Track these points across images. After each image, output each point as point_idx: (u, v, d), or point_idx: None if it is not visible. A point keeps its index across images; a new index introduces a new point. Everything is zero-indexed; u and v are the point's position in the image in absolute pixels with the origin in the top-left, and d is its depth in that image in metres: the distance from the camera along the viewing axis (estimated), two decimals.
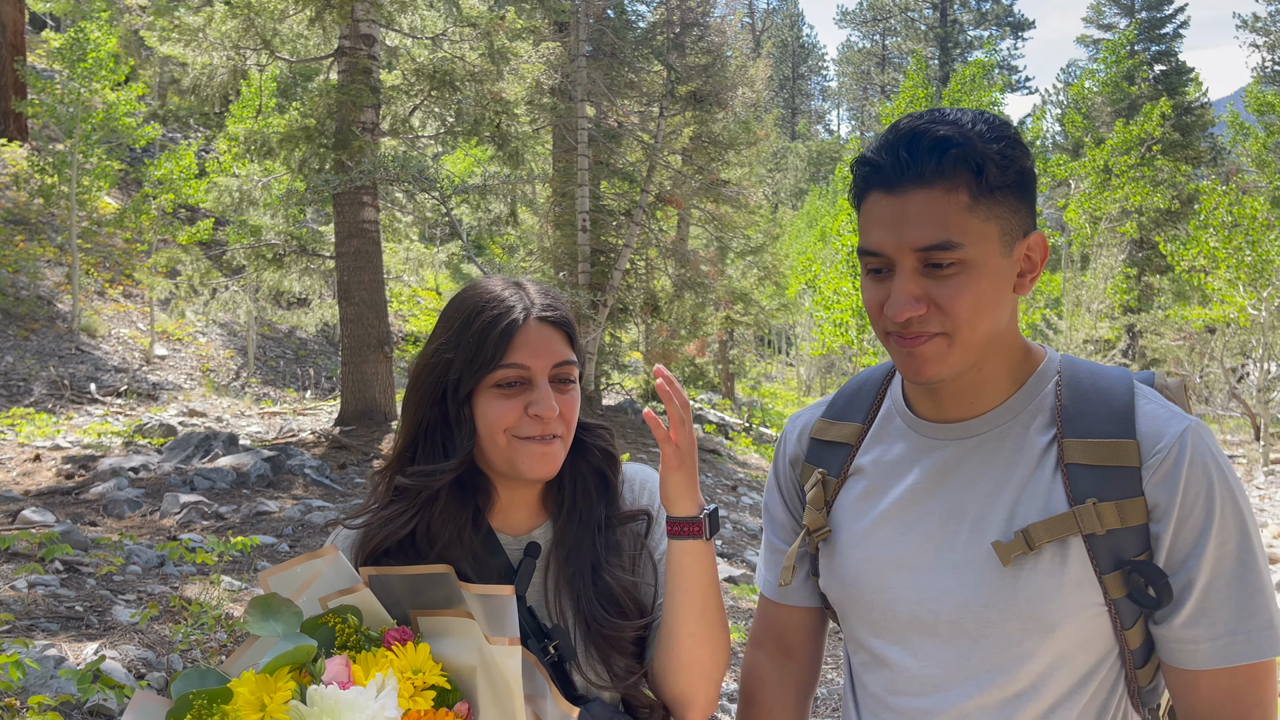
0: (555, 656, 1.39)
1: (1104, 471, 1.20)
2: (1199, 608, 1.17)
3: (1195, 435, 1.19)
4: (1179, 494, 1.17)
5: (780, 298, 25.42)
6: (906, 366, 1.25)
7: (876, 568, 1.34)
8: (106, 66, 16.38)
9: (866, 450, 1.41)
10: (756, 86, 18.45)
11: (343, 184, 10.30)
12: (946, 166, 1.18)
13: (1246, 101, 29.94)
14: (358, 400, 10.88)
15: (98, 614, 4.65)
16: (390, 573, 1.33)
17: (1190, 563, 1.17)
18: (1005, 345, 1.28)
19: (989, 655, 1.24)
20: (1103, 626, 1.22)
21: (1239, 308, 15.99)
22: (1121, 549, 1.19)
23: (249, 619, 1.22)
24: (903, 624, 1.31)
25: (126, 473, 7.91)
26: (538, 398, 1.39)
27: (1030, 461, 1.25)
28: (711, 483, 11.27)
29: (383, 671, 1.17)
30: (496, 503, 1.49)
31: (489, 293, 1.43)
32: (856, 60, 66.51)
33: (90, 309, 16.75)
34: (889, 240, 1.20)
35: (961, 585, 1.26)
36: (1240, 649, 1.16)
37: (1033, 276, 1.26)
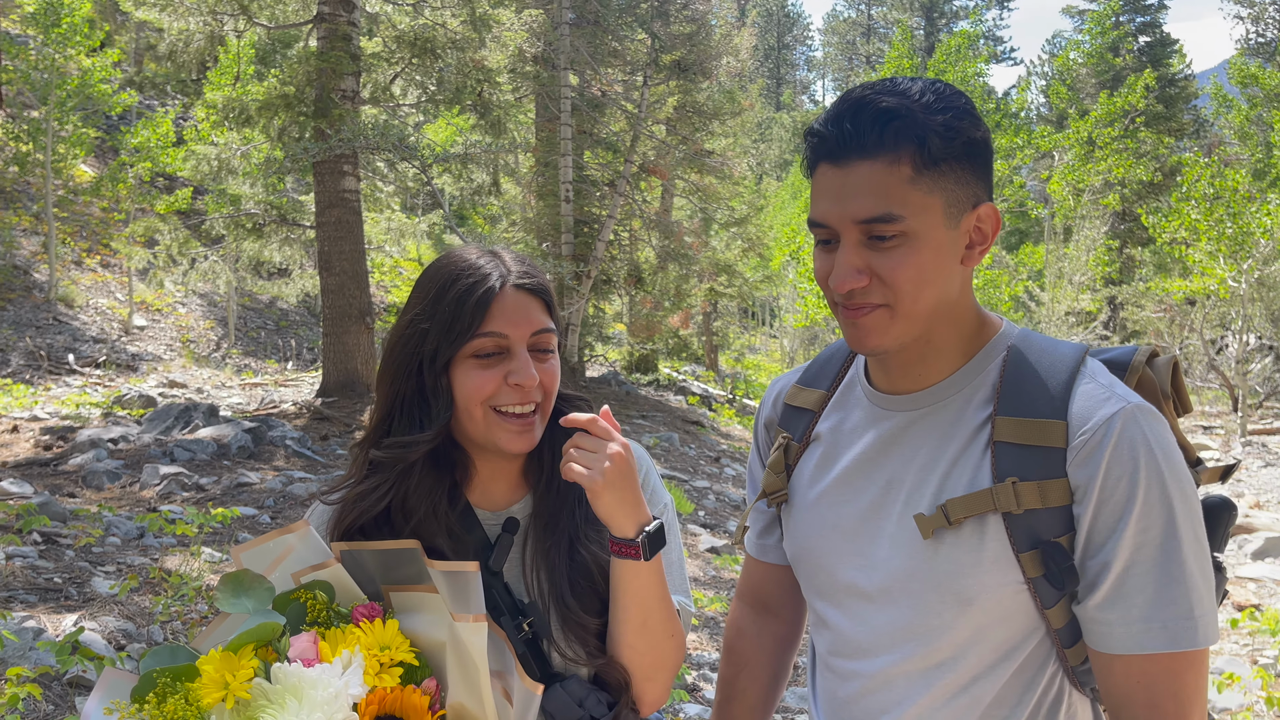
0: (530, 633, 1.38)
1: (1030, 451, 1.20)
2: (1115, 591, 1.16)
3: (1128, 418, 1.17)
4: (1100, 476, 1.16)
5: (764, 269, 25.40)
6: (851, 337, 1.26)
7: (822, 532, 1.37)
8: (81, 32, 16.09)
9: (827, 417, 1.43)
10: (741, 56, 18.30)
11: (322, 152, 10.18)
12: (888, 138, 1.17)
13: (1230, 74, 30.00)
14: (339, 371, 10.83)
15: (77, 586, 4.62)
16: (361, 548, 1.31)
17: (1108, 546, 1.16)
18: (955, 317, 1.28)
19: (912, 624, 1.27)
20: (1023, 604, 1.22)
21: (1219, 280, 16.09)
22: (1039, 529, 1.19)
23: (219, 595, 1.21)
24: (842, 588, 1.35)
25: (105, 444, 7.85)
26: (517, 366, 1.36)
27: (964, 437, 1.26)
28: (695, 454, 11.30)
29: (350, 648, 1.16)
30: (475, 477, 1.47)
31: (464, 261, 1.41)
32: (842, 30, 66.16)
33: (67, 279, 16.57)
34: (833, 212, 1.21)
35: (892, 554, 1.28)
36: (1154, 637, 1.15)
37: (982, 248, 1.26)
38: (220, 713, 1.11)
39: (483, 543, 1.43)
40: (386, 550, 1.29)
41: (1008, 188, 26.66)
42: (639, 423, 12.48)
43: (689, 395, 16.36)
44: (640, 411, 13.40)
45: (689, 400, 15.85)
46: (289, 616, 1.21)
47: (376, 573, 1.30)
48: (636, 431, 11.78)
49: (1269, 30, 39.63)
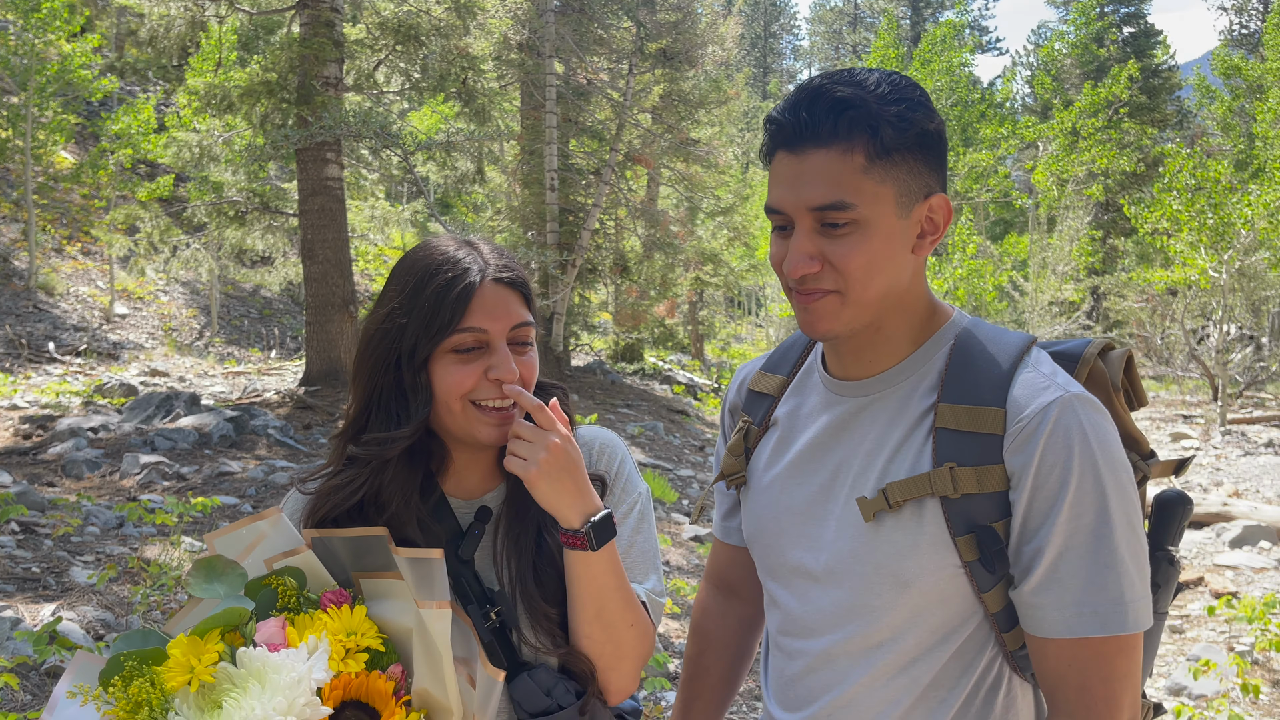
0: (497, 622, 1.38)
1: (969, 437, 1.23)
2: (1049, 576, 1.19)
3: (1065, 406, 1.19)
4: (1034, 463, 1.19)
5: (750, 259, 25.39)
6: (803, 322, 1.29)
7: (775, 514, 1.41)
8: (61, 17, 15.89)
9: (785, 402, 1.47)
10: (727, 44, 18.25)
11: (303, 139, 10.11)
12: (842, 128, 1.20)
13: (1213, 65, 30.13)
14: (322, 360, 10.78)
15: (55, 575, 4.60)
16: (331, 535, 1.32)
17: (1042, 532, 1.19)
18: (906, 306, 1.31)
19: (854, 604, 1.30)
20: (961, 588, 1.25)
21: (1200, 270, 16.19)
22: (975, 514, 1.22)
23: (192, 581, 1.22)
24: (790, 569, 1.38)
25: (85, 433, 7.80)
26: (497, 361, 1.36)
27: (908, 423, 1.29)
28: (679, 443, 11.31)
29: (317, 634, 1.16)
30: (451, 466, 1.47)
31: (442, 253, 1.39)
32: (829, 19, 66.10)
33: (48, 266, 16.42)
34: (788, 199, 1.24)
35: (837, 537, 1.32)
36: (1086, 622, 1.17)
37: (933, 238, 1.28)
38: (185, 696, 1.11)
39: (454, 531, 1.43)
40: (356, 537, 1.30)
41: (992, 178, 26.75)
42: (624, 411, 12.49)
43: (674, 384, 16.37)
44: (625, 400, 13.40)
45: (674, 389, 15.85)
46: (260, 602, 1.22)
47: (347, 560, 1.31)
48: (621, 420, 11.78)
49: (1252, 21, 39.83)
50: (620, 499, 1.48)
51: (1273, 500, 9.49)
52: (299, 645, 1.15)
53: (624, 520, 1.47)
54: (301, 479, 1.48)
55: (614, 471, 1.50)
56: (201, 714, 1.10)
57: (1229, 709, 4.32)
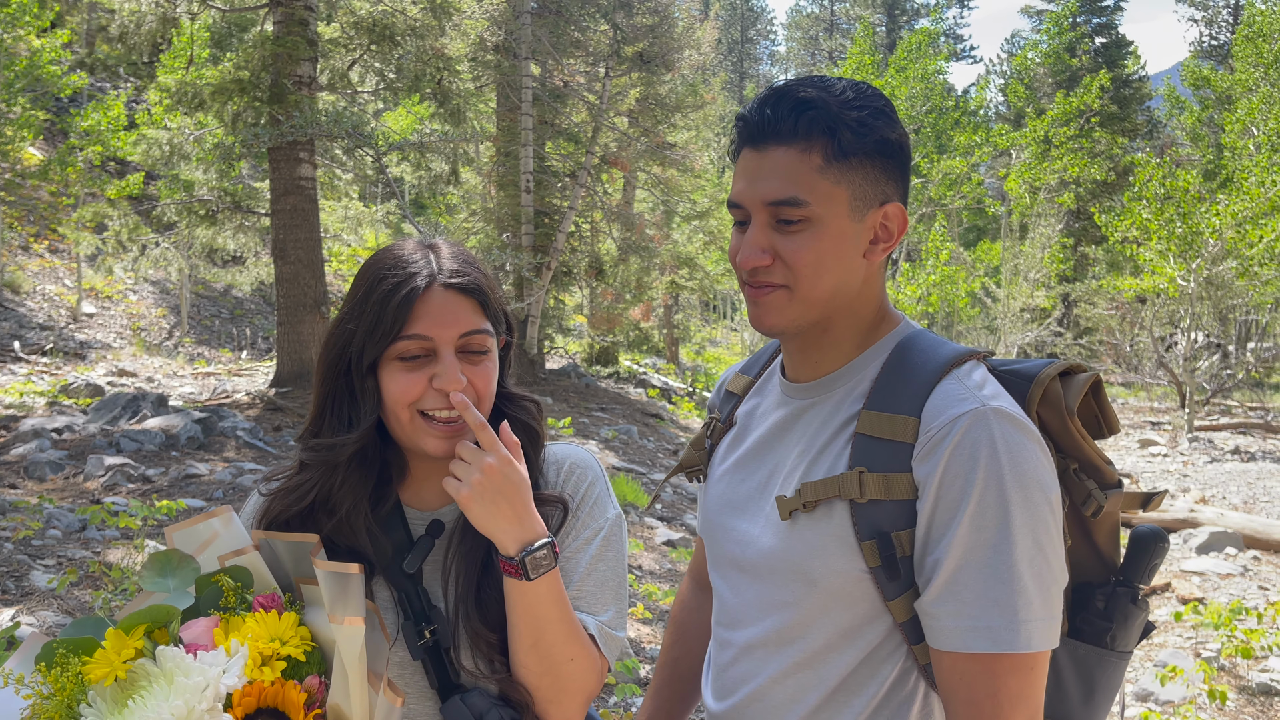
0: (430, 641, 1.34)
1: (882, 444, 1.24)
2: (947, 589, 1.18)
3: (976, 419, 1.18)
4: (938, 474, 1.19)
5: (725, 262, 25.43)
6: (752, 315, 1.32)
7: (719, 508, 1.45)
8: (30, 12, 15.67)
9: (747, 402, 1.51)
10: (704, 49, 18.27)
11: (275, 139, 10.02)
12: (802, 127, 1.24)
13: (1183, 75, 30.55)
14: (293, 361, 10.68)
15: (14, 579, 4.51)
16: (273, 538, 1.30)
17: (943, 543, 1.18)
18: (855, 310, 1.33)
19: (771, 599, 1.33)
20: (866, 593, 1.25)
21: (1169, 278, 16.38)
22: (881, 520, 1.23)
23: (144, 573, 1.22)
24: (727, 561, 1.42)
25: (49, 434, 7.67)
26: (441, 370, 1.32)
27: (834, 428, 1.31)
28: (654, 447, 11.30)
29: (240, 638, 1.15)
30: (409, 475, 1.44)
31: (394, 258, 1.36)
32: (805, 25, 66.40)
33: (14, 264, 16.17)
34: (746, 193, 1.27)
35: (763, 533, 1.35)
36: (978, 637, 1.16)
37: (886, 246, 1.30)
38: (101, 690, 1.11)
39: (403, 543, 1.40)
40: (293, 543, 1.28)
41: (965, 185, 26.95)
42: (598, 415, 12.45)
43: (649, 388, 16.35)
44: (600, 404, 13.37)
45: (649, 393, 15.84)
46: (205, 599, 1.21)
47: (288, 564, 1.29)
48: (595, 424, 11.75)
49: (1221, 33, 40.41)
50: (585, 523, 1.43)
51: (1239, 506, 9.61)
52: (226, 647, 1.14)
53: (584, 546, 1.42)
54: (264, 478, 1.45)
55: (580, 494, 1.44)
56: (111, 710, 1.10)
57: (1195, 715, 4.35)
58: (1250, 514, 8.84)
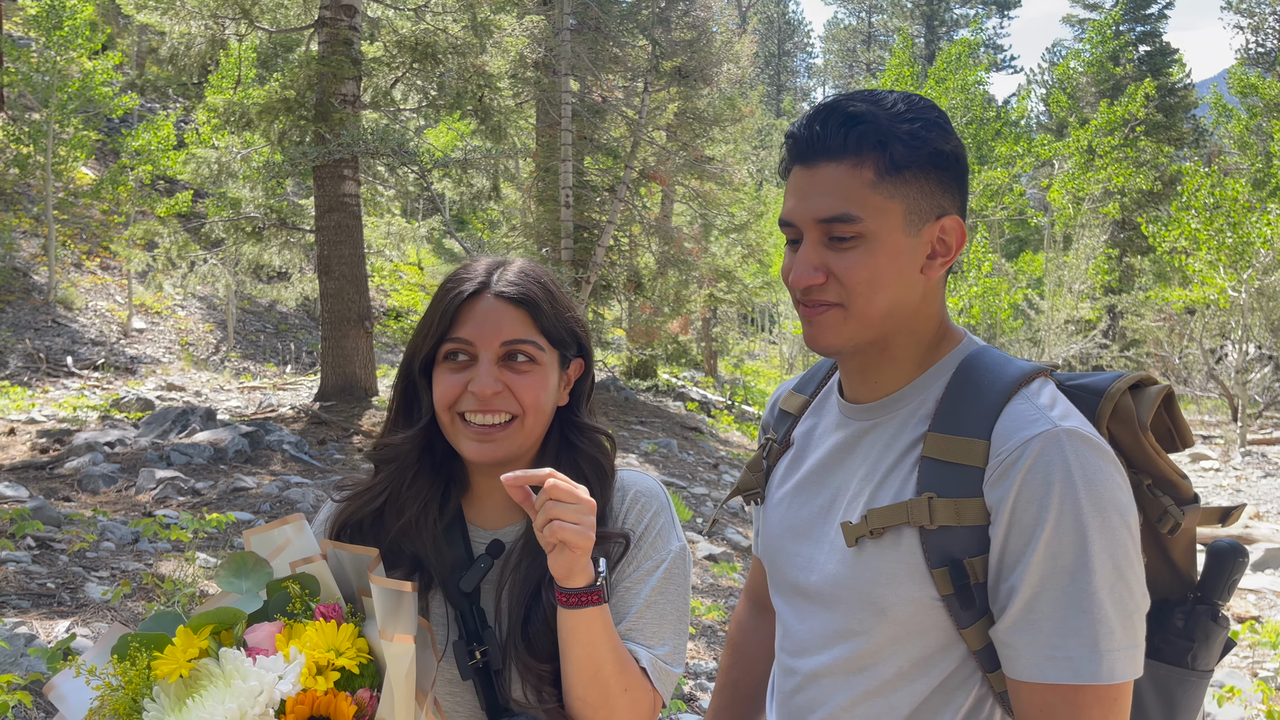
0: (481, 662, 1.34)
1: (950, 468, 1.21)
2: (1023, 617, 1.15)
3: (1049, 441, 1.15)
4: (1011, 499, 1.15)
5: (764, 275, 25.37)
6: (807, 334, 1.29)
7: (780, 533, 1.42)
8: (83, 34, 16.09)
9: (804, 422, 1.48)
10: (742, 63, 18.29)
11: (321, 156, 10.17)
12: (852, 142, 1.21)
13: (1230, 83, 30.00)
14: (338, 375, 10.80)
15: (70, 591, 4.60)
16: (338, 548, 1.32)
17: (1018, 570, 1.15)
18: (913, 327, 1.29)
19: (839, 627, 1.30)
20: (939, 621, 1.22)
21: (1219, 289, 16.08)
22: (953, 546, 1.19)
23: (220, 573, 1.26)
24: (790, 587, 1.39)
25: (102, 447, 7.82)
26: (476, 374, 1.34)
27: (899, 451, 1.27)
28: (693, 460, 11.27)
29: (299, 645, 1.17)
30: (471, 491, 1.45)
31: (462, 269, 1.42)
32: (843, 37, 66.23)
33: (67, 281, 16.55)
34: (797, 211, 1.25)
35: (828, 559, 1.32)
36: (1058, 668, 1.12)
37: (944, 260, 1.27)
38: (165, 686, 1.13)
39: (463, 559, 1.40)
40: (356, 555, 1.29)
41: (1007, 195, 26.67)
42: (638, 429, 12.46)
43: (688, 401, 16.33)
44: (639, 417, 13.38)
45: (688, 406, 15.82)
46: (274, 603, 1.23)
47: (353, 576, 1.31)
48: (635, 437, 11.76)
49: (1269, 40, 39.69)
50: (646, 555, 1.41)
51: None
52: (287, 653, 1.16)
53: (645, 578, 1.39)
54: (335, 486, 1.49)
55: (643, 525, 1.42)
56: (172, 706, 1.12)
57: None
58: None
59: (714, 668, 5.01)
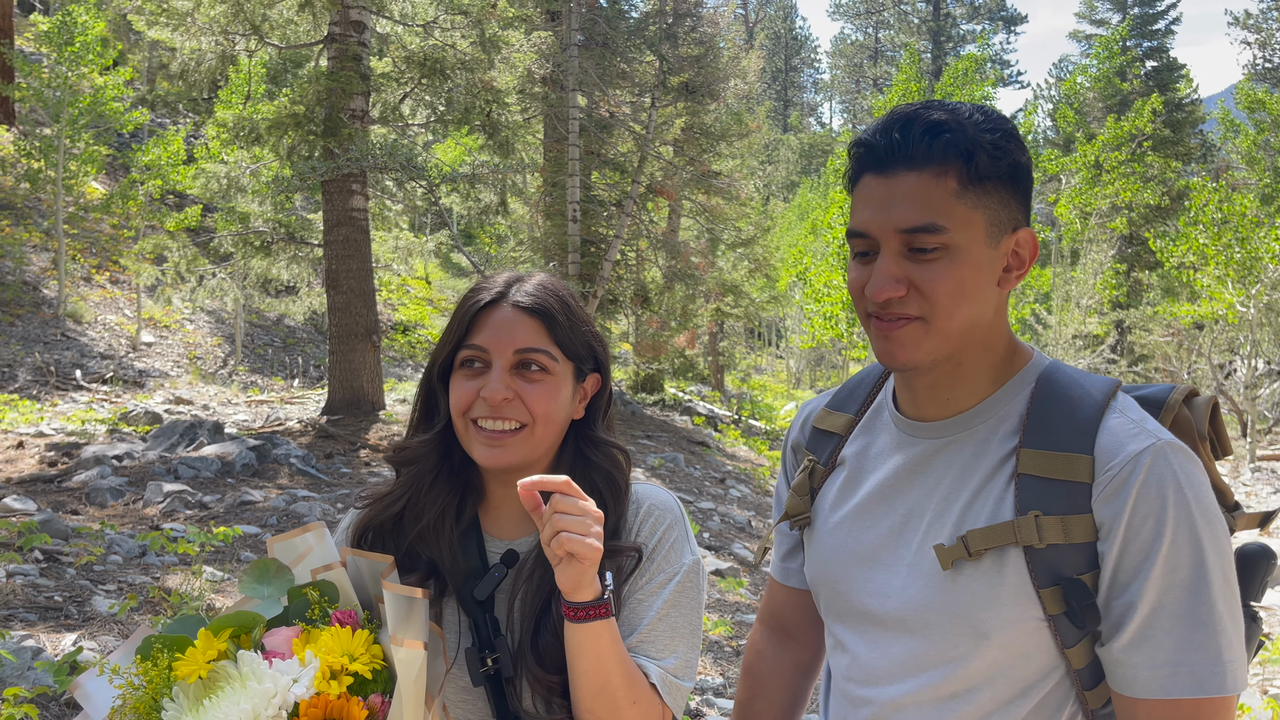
0: (492, 669, 1.36)
1: (1054, 485, 1.18)
2: (1141, 634, 1.13)
3: (1157, 455, 1.14)
4: (1126, 514, 1.14)
5: (771, 290, 25.38)
6: (883, 351, 1.24)
7: (841, 558, 1.36)
8: (94, 50, 16.21)
9: (853, 441, 1.42)
10: (749, 78, 18.34)
11: (330, 171, 10.22)
12: (937, 150, 1.18)
13: (1237, 98, 29.99)
14: (345, 389, 10.82)
15: (77, 604, 4.60)
16: (356, 555, 1.34)
17: (1134, 586, 1.14)
18: (987, 342, 1.27)
19: (927, 654, 1.25)
20: (1043, 641, 1.20)
21: (1228, 305, 16.04)
22: (1061, 565, 1.17)
23: (242, 579, 1.29)
24: (859, 615, 1.33)
25: (110, 460, 7.84)
26: (488, 380, 1.37)
27: (988, 468, 1.24)
28: (700, 475, 11.25)
29: (315, 650, 1.19)
30: (487, 501, 1.47)
31: (485, 280, 1.46)
32: (849, 53, 66.42)
33: (76, 295, 16.62)
34: (874, 221, 1.21)
35: (909, 584, 1.27)
36: (1181, 682, 1.12)
37: (1019, 273, 1.25)
38: (184, 686, 1.16)
39: (477, 568, 1.42)
40: (372, 561, 1.31)
41: None
42: (644, 443, 12.44)
43: (694, 415, 16.32)
44: (646, 431, 13.37)
45: (694, 420, 15.80)
46: (294, 608, 1.26)
47: (370, 582, 1.32)
48: (641, 451, 11.74)
49: (1276, 55, 39.70)
50: (660, 568, 1.41)
51: None
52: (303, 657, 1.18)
53: (658, 591, 1.39)
54: (360, 497, 1.52)
55: (656, 538, 1.42)
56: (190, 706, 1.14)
57: None
58: None
59: (720, 683, 4.99)
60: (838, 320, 18.08)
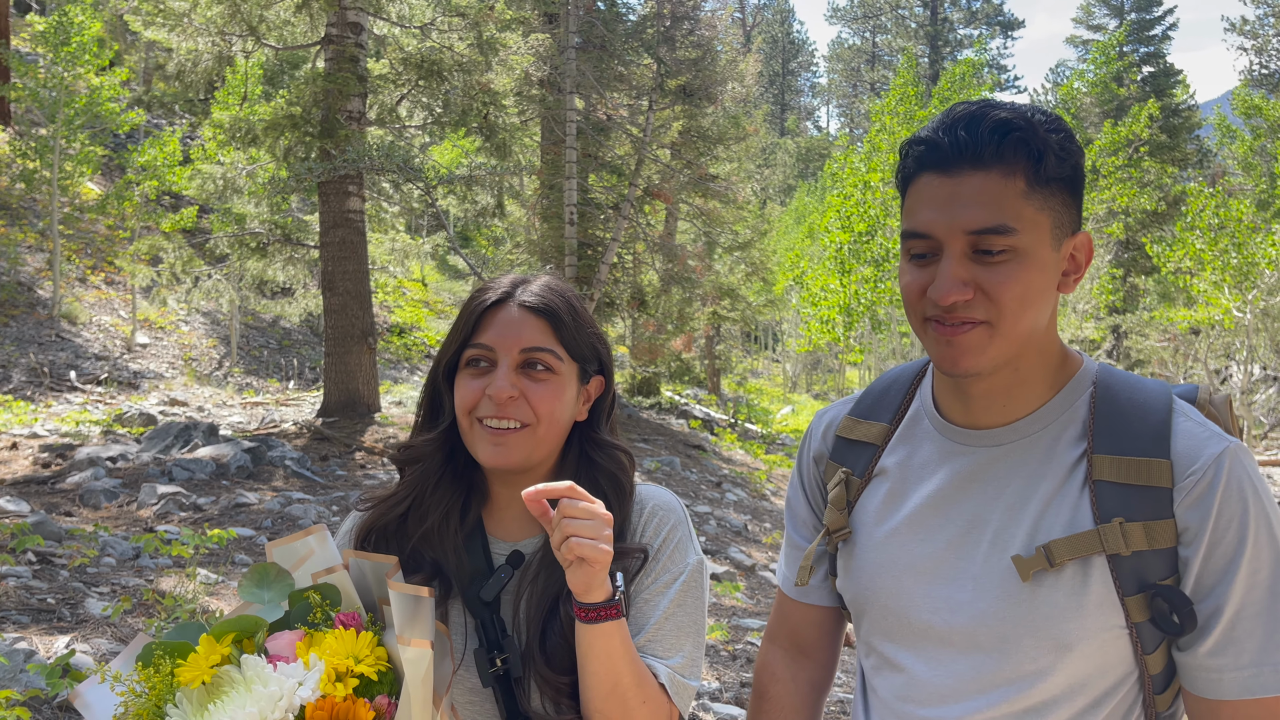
0: (501, 669, 1.35)
1: (1134, 490, 1.16)
2: (1226, 636, 1.13)
3: (1233, 458, 1.15)
4: (1211, 518, 1.13)
5: (767, 294, 25.40)
6: (944, 356, 1.20)
7: (894, 573, 1.31)
8: (91, 51, 16.19)
9: (892, 451, 1.37)
10: (746, 82, 18.36)
11: (326, 172, 10.20)
12: (1006, 150, 1.15)
13: (1233, 104, 30.10)
14: (340, 391, 10.79)
15: (70, 607, 4.57)
16: (360, 557, 1.33)
17: (1219, 590, 1.13)
18: (1043, 347, 1.24)
19: (1002, 670, 1.21)
20: (1122, 650, 1.19)
21: (1224, 310, 16.07)
22: (1146, 571, 1.16)
23: (243, 584, 1.28)
24: (917, 632, 1.29)
25: (104, 462, 7.81)
26: (493, 378, 1.37)
27: (1058, 475, 1.21)
28: (696, 479, 11.24)
29: (319, 653, 1.18)
30: (492, 503, 1.47)
31: (492, 281, 1.46)
32: (846, 57, 66.54)
33: (71, 296, 16.58)
34: (939, 222, 1.17)
35: (978, 598, 1.23)
36: (1266, 681, 1.12)
37: (1076, 276, 1.23)
38: (188, 692, 1.16)
39: (484, 569, 1.42)
40: (376, 563, 1.30)
41: None
42: (640, 446, 12.42)
43: (691, 419, 16.30)
44: (642, 435, 13.35)
45: (691, 424, 15.79)
46: (295, 612, 1.25)
47: (373, 584, 1.31)
48: (638, 455, 11.72)
49: (1272, 61, 39.84)
50: (664, 568, 1.41)
51: None
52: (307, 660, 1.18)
53: (663, 590, 1.40)
54: (361, 498, 1.51)
55: (660, 539, 1.43)
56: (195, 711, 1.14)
57: None
58: None
59: (716, 688, 4.96)
60: (834, 324, 18.08)
